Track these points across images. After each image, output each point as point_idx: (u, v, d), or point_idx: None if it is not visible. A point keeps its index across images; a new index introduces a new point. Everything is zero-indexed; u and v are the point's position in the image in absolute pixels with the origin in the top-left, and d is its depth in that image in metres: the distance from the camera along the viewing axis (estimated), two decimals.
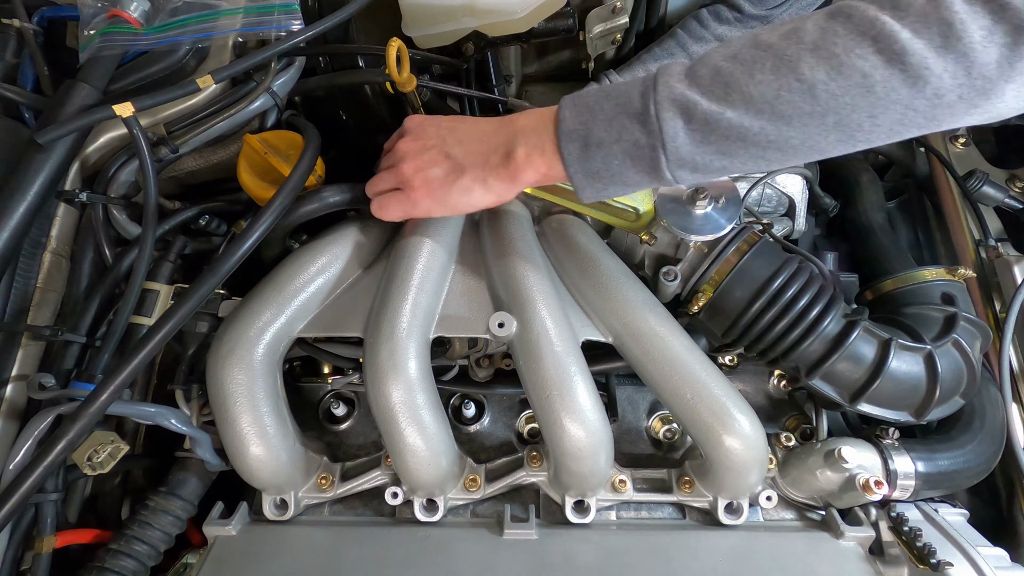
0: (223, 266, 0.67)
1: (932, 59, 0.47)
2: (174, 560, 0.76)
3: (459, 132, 0.69)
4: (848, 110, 0.50)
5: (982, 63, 0.46)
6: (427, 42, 0.90)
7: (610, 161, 0.58)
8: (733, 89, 0.53)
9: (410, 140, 0.70)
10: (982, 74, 0.46)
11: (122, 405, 0.70)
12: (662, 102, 0.55)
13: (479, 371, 0.84)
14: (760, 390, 0.86)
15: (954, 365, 0.74)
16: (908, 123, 0.50)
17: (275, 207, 0.70)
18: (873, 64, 0.48)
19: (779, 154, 0.55)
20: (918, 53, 0.47)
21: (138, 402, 0.73)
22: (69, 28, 0.89)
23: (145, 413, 0.71)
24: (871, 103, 0.49)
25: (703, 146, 0.55)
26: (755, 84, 0.52)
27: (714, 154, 0.55)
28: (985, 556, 0.66)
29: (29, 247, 0.75)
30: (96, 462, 0.67)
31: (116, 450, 0.68)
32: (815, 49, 0.50)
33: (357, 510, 0.79)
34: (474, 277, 0.77)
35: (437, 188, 0.68)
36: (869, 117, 0.50)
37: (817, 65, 0.50)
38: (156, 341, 0.63)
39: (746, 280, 0.72)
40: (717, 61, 0.54)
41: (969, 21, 0.45)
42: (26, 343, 0.73)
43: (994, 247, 0.90)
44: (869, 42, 0.48)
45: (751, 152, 0.55)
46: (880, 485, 0.69)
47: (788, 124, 0.52)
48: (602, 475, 0.73)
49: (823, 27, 0.51)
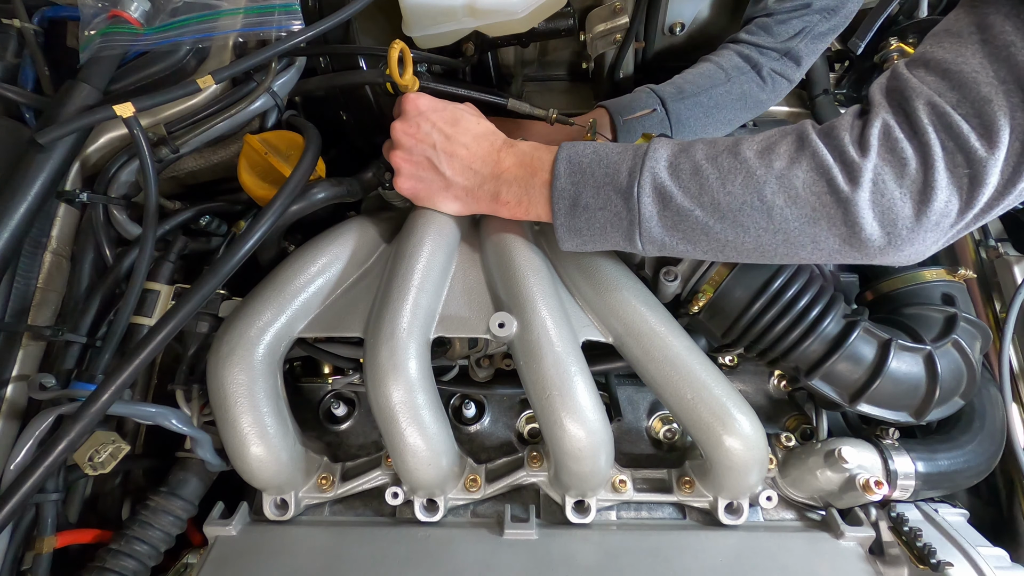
0: (224, 267, 0.67)
1: (861, 213, 0.55)
2: (175, 560, 0.76)
3: (451, 145, 0.72)
4: (796, 233, 0.58)
5: (893, 221, 0.55)
6: (427, 42, 0.90)
7: (593, 223, 0.65)
8: (706, 192, 0.60)
9: (403, 128, 0.73)
10: (885, 234, 0.55)
11: (123, 406, 0.70)
12: (645, 186, 0.62)
13: (479, 371, 0.84)
14: (760, 390, 0.86)
15: (954, 365, 0.74)
16: (844, 256, 0.59)
17: (276, 208, 0.70)
18: (824, 203, 0.56)
19: (734, 252, 0.63)
20: (854, 204, 0.55)
21: (139, 402, 0.73)
22: (69, 28, 0.89)
23: (146, 413, 0.71)
24: (815, 233, 0.58)
25: (672, 232, 0.62)
26: (725, 193, 0.59)
27: (679, 240, 0.63)
28: (985, 556, 0.66)
29: (30, 247, 0.75)
30: (97, 462, 0.67)
31: (117, 450, 0.68)
32: (780, 177, 0.58)
33: (357, 510, 0.79)
34: (474, 277, 0.77)
35: (423, 189, 0.74)
36: (812, 242, 0.59)
37: (779, 192, 0.57)
38: (157, 342, 0.63)
39: (746, 280, 0.72)
40: (699, 159, 0.61)
41: (891, 189, 0.54)
42: (27, 343, 0.73)
43: (994, 247, 0.90)
44: (825, 184, 0.56)
45: (711, 245, 0.62)
46: (880, 485, 0.69)
47: (745, 232, 0.60)
48: (602, 475, 0.73)
49: (792, 158, 0.58)
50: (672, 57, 1.07)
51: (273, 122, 0.86)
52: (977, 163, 0.51)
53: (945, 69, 0.53)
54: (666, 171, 0.61)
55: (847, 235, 0.56)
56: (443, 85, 0.82)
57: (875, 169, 0.54)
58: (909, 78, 0.55)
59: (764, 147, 0.60)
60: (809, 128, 0.59)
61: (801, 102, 1.07)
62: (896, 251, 0.56)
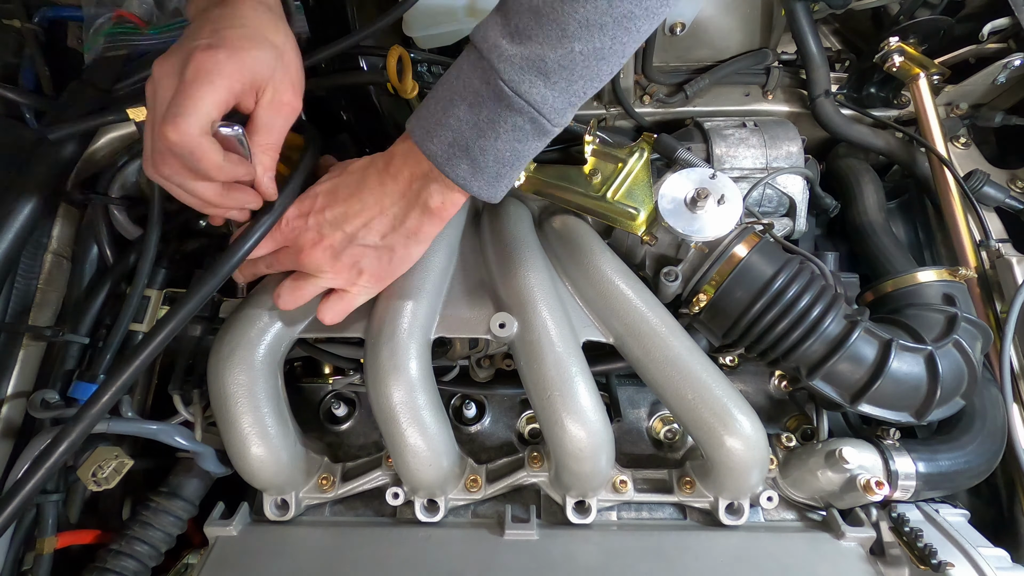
0: (223, 268, 0.67)
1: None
2: (175, 560, 0.76)
3: (357, 218, 0.64)
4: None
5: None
6: (428, 42, 0.90)
7: (501, 155, 0.58)
8: (567, 22, 0.52)
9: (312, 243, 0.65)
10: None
11: (123, 423, 0.69)
12: (512, 78, 0.54)
13: (480, 372, 0.84)
14: (761, 390, 0.86)
15: (955, 366, 0.74)
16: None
17: (276, 209, 0.69)
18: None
19: (634, 38, 0.54)
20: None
21: (139, 420, 0.71)
22: (70, 28, 0.89)
23: (147, 431, 0.71)
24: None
25: (571, 86, 0.55)
26: (583, 4, 0.51)
27: (584, 83, 0.55)
28: (986, 556, 0.66)
29: (31, 247, 0.75)
30: (101, 477, 0.67)
31: (121, 465, 0.68)
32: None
33: (358, 510, 0.79)
34: (475, 277, 0.77)
35: (378, 272, 0.67)
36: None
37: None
38: (157, 343, 0.62)
39: (747, 281, 0.72)
40: (528, 2, 0.52)
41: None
42: (27, 343, 0.73)
43: (995, 247, 0.90)
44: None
45: (610, 59, 0.55)
46: (881, 486, 0.69)
47: (631, 19, 0.52)
48: (603, 475, 0.73)
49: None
50: (673, 57, 1.07)
51: None
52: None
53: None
54: (513, 44, 0.53)
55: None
56: None
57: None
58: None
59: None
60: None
61: (801, 102, 1.07)
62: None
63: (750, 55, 1.05)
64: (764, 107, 1.07)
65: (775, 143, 0.92)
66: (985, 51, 1.02)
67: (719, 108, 1.07)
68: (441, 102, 0.58)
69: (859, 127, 1.03)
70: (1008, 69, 0.99)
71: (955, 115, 1.07)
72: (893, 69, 0.99)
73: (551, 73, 0.54)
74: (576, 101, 0.57)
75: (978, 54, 1.03)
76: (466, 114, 0.56)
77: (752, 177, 0.92)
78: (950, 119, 1.07)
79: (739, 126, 0.94)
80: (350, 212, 0.65)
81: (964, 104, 1.07)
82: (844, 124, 1.02)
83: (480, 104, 0.56)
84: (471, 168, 0.58)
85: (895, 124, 1.04)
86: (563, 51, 0.53)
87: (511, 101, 0.54)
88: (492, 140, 0.57)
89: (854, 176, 1.03)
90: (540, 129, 0.57)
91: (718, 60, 1.06)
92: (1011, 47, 1.00)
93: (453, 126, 0.57)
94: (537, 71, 0.53)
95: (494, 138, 0.57)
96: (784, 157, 0.91)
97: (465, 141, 0.57)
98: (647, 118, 1.07)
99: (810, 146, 1.00)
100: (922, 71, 0.99)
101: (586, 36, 0.52)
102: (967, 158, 1.03)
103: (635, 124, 1.07)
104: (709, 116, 1.02)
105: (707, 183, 0.74)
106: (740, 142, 0.92)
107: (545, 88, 0.54)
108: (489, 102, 0.55)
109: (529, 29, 0.52)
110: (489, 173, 0.59)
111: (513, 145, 0.58)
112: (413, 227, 0.65)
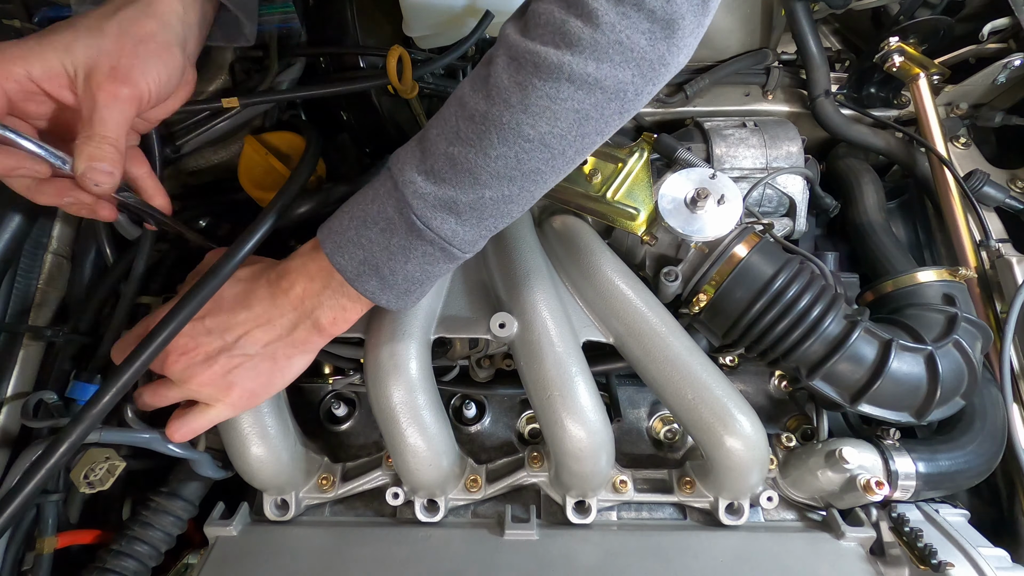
0: (222, 269, 0.67)
1: (620, 74, 0.52)
2: (175, 560, 0.76)
3: (240, 327, 0.63)
4: (580, 139, 0.55)
5: (652, 59, 0.53)
6: (428, 43, 0.90)
7: (411, 275, 0.60)
8: (479, 173, 0.55)
9: (183, 350, 0.63)
10: (658, 64, 0.54)
11: (115, 433, 0.68)
12: (425, 214, 0.56)
13: (480, 372, 0.84)
14: (761, 390, 0.86)
15: (955, 366, 0.74)
16: (625, 117, 0.57)
17: (275, 209, 0.69)
18: (579, 100, 0.53)
19: (542, 187, 0.59)
20: (607, 75, 0.52)
21: (131, 429, 0.69)
22: None
23: (140, 440, 0.69)
24: (594, 125, 0.55)
25: (481, 223, 0.58)
26: (495, 160, 0.54)
27: (495, 221, 0.59)
28: (986, 557, 0.66)
29: (30, 247, 0.75)
30: (94, 479, 0.66)
31: (113, 467, 0.67)
32: (526, 109, 0.53)
33: (358, 510, 0.79)
34: (475, 277, 0.77)
35: (250, 389, 0.65)
36: (598, 134, 0.56)
37: (537, 122, 0.53)
38: (156, 344, 0.62)
39: (747, 281, 0.72)
40: (444, 148, 0.55)
41: (633, 32, 0.51)
42: (27, 343, 0.73)
43: (995, 247, 0.90)
44: (566, 83, 0.52)
45: (519, 203, 0.58)
46: (881, 486, 0.69)
47: (539, 174, 0.56)
48: (603, 475, 0.73)
49: (520, 83, 0.52)
50: None
51: (274, 122, 0.86)
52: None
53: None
54: (428, 183, 0.56)
55: (619, 105, 0.54)
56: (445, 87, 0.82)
57: (614, 27, 0.50)
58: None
59: (488, 90, 0.54)
60: (512, 37, 0.54)
61: (801, 102, 1.07)
62: (662, 80, 0.55)
63: (750, 55, 1.06)
64: (764, 107, 1.07)
65: (775, 143, 0.92)
66: (985, 51, 1.02)
67: (719, 108, 1.07)
68: (355, 220, 0.59)
69: (859, 127, 1.03)
70: (1008, 69, 0.99)
71: (955, 115, 1.07)
72: (893, 69, 0.99)
73: (462, 213, 0.57)
74: (487, 234, 0.60)
75: (978, 54, 1.03)
76: (378, 237, 0.58)
77: (752, 177, 0.92)
78: (950, 119, 1.07)
79: (739, 126, 0.94)
80: (233, 322, 0.63)
81: (964, 104, 1.07)
82: (844, 124, 1.02)
83: (392, 231, 0.58)
84: (380, 284, 0.60)
85: (895, 124, 1.04)
86: (474, 196, 0.56)
87: (422, 233, 0.57)
88: (403, 263, 0.59)
89: (854, 176, 1.03)
90: (450, 256, 0.59)
91: (718, 60, 1.06)
92: (1011, 47, 1.00)
93: (365, 246, 0.59)
94: (449, 210, 0.56)
95: (404, 262, 0.59)
96: (784, 157, 0.92)
97: (376, 261, 0.59)
98: (647, 118, 1.07)
99: (810, 146, 1.00)
100: (922, 71, 0.99)
101: (496, 185, 0.56)
102: (967, 158, 1.03)
103: (635, 124, 1.07)
104: (709, 116, 1.02)
105: (707, 183, 0.74)
106: (740, 142, 0.92)
107: (456, 224, 0.57)
108: (401, 231, 0.57)
109: (444, 173, 0.55)
110: (399, 289, 0.61)
111: (424, 268, 0.60)
112: (301, 339, 0.64)
